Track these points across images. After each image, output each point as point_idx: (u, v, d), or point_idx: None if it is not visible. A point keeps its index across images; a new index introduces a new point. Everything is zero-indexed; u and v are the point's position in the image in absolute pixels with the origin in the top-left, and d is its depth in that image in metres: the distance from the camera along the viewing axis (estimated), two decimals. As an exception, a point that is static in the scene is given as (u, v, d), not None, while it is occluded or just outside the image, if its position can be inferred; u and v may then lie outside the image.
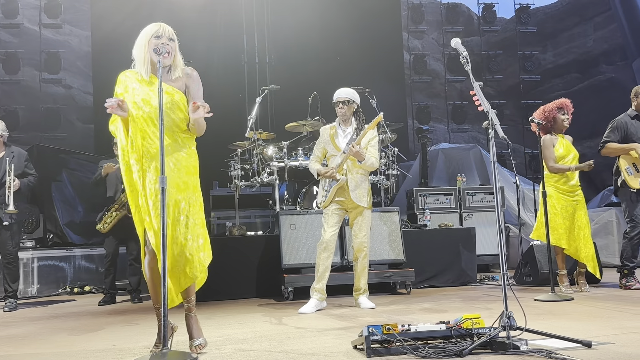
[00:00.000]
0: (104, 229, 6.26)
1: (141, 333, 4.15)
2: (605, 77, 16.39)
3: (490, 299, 5.33)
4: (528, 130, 10.04)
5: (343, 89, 5.17)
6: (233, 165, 7.19)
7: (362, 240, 5.02)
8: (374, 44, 12.27)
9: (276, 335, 3.77)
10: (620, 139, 5.79)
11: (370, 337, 2.94)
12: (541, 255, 6.09)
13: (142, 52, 3.20)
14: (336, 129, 5.14)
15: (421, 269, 6.35)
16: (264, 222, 8.40)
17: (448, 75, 14.75)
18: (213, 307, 5.46)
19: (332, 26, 11.20)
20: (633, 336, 3.24)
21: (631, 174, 5.71)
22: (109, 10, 10.95)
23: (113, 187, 6.33)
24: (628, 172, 5.73)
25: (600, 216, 8.30)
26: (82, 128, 11.81)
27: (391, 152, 7.28)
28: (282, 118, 7.99)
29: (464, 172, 9.04)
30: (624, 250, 5.70)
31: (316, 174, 5.12)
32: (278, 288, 5.89)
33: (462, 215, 8.26)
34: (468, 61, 3.35)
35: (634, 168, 5.69)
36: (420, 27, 14.66)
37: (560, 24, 16.93)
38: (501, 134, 3.15)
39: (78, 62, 12.09)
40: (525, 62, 14.95)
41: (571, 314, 4.24)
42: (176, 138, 3.18)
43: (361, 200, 4.98)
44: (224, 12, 11.52)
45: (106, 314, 5.51)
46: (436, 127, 14.65)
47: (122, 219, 6.18)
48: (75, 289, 7.45)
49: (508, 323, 2.91)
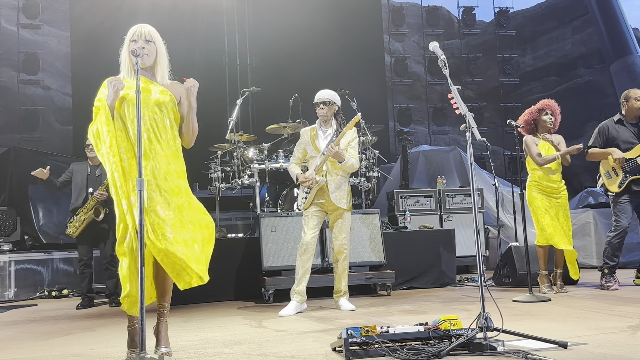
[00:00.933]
0: (73, 233, 6.22)
1: (119, 337, 4.11)
2: (583, 80, 16.61)
3: (469, 300, 5.37)
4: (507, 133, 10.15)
5: (324, 90, 5.18)
6: (213, 168, 7.16)
7: (342, 242, 5.03)
8: (355, 46, 12.31)
9: (255, 339, 3.76)
10: (602, 144, 5.87)
11: (349, 339, 2.95)
12: (519, 256, 6.15)
13: (123, 55, 3.24)
14: (317, 131, 5.15)
15: (401, 270, 6.37)
16: (244, 225, 8.38)
17: (429, 78, 14.84)
18: (192, 311, 5.43)
19: (313, 28, 11.21)
20: (608, 336, 3.28)
21: (610, 177, 5.79)
22: (88, 10, 10.85)
23: (80, 192, 6.26)
24: (607, 176, 5.82)
25: (577, 217, 8.40)
26: (60, 130, 11.68)
27: (372, 154, 7.31)
28: (263, 120, 7.99)
29: (444, 174, 9.09)
30: (605, 248, 5.78)
31: (296, 178, 5.12)
32: (258, 290, 5.88)
33: (442, 217, 8.31)
34: (446, 64, 3.38)
35: (613, 172, 5.77)
36: (401, 30, 14.74)
37: (539, 28, 17.12)
38: (478, 137, 3.18)
39: (57, 63, 11.96)
40: (504, 65, 15.11)
41: (548, 314, 4.29)
42: (169, 140, 3.18)
43: (341, 202, 4.99)
44: (205, 13, 11.48)
45: (84, 317, 5.46)
46: (417, 129, 14.72)
47: (91, 222, 6.14)
48: (54, 292, 7.38)
49: (485, 324, 2.94)
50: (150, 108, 3.13)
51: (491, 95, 15.08)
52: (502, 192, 8.62)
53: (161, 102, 3.17)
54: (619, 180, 5.71)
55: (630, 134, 5.80)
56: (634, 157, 5.68)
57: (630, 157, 5.69)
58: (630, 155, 5.69)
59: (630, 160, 5.67)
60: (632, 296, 5.11)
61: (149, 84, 3.20)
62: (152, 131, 3.12)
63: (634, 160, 5.67)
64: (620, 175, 5.71)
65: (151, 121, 3.12)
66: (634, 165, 5.66)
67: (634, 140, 5.77)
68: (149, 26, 3.28)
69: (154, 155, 3.10)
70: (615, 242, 5.68)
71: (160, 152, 3.12)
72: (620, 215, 5.68)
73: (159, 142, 3.13)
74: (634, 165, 5.66)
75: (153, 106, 3.15)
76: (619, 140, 5.79)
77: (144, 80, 3.18)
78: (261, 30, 11.69)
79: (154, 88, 3.20)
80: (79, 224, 6.16)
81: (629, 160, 5.67)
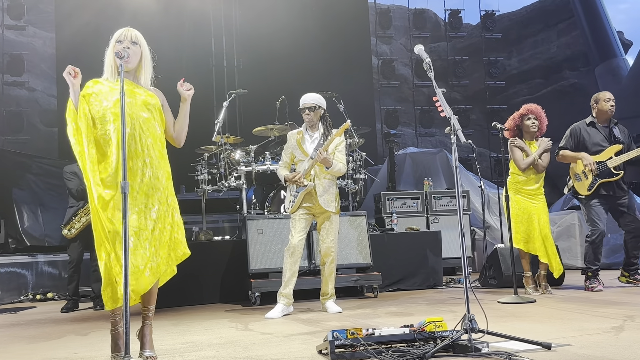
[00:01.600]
0: (70, 234, 6.14)
1: (103, 341, 4.07)
2: (568, 83, 16.76)
3: (455, 301, 5.39)
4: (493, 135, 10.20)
5: (309, 94, 5.16)
6: (200, 170, 7.14)
7: (330, 245, 5.03)
8: (342, 48, 12.33)
9: (242, 341, 3.75)
10: (573, 146, 5.90)
11: (334, 341, 2.95)
12: (505, 257, 6.19)
13: (108, 57, 3.23)
14: (303, 134, 5.14)
15: (388, 272, 6.39)
16: (231, 227, 8.36)
17: (416, 80, 14.91)
18: (179, 313, 5.41)
19: (300, 30, 11.23)
20: (592, 337, 3.31)
21: (579, 180, 5.84)
22: (73, 12, 10.78)
23: None
24: (577, 179, 5.86)
25: (562, 219, 8.47)
26: (45, 131, 11.61)
27: (359, 156, 7.32)
28: (250, 122, 7.98)
29: (431, 176, 9.13)
30: (586, 253, 5.80)
31: (284, 180, 5.11)
32: (245, 293, 5.87)
33: (429, 219, 8.34)
34: (431, 67, 3.40)
35: (582, 175, 5.82)
36: (388, 32, 14.81)
37: (524, 31, 17.26)
38: (463, 139, 3.20)
39: (42, 65, 11.89)
40: (490, 68, 15.22)
41: (533, 316, 4.31)
42: (156, 141, 3.19)
43: (329, 205, 4.99)
44: (192, 15, 11.45)
45: (68, 321, 5.41)
46: (404, 132, 14.78)
47: (90, 224, 6.06)
48: (38, 295, 7.30)
49: (470, 326, 2.95)
50: (138, 108, 3.14)
51: (477, 97, 15.17)
52: (488, 194, 8.68)
53: (149, 103, 3.18)
54: (589, 183, 5.75)
55: (602, 136, 5.84)
56: (603, 160, 5.72)
57: (600, 160, 5.73)
58: (600, 159, 5.73)
59: (600, 164, 5.72)
60: (615, 298, 5.15)
61: (133, 87, 3.19)
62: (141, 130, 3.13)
63: (603, 163, 5.71)
64: (590, 178, 5.75)
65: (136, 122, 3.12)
66: (603, 168, 5.71)
67: (604, 143, 5.80)
68: (136, 31, 3.29)
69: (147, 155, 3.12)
70: (595, 246, 5.73)
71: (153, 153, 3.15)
72: (595, 219, 5.72)
73: (146, 142, 3.14)
74: (604, 168, 5.71)
75: (141, 106, 3.15)
76: (590, 143, 5.82)
77: (128, 83, 3.17)
78: (248, 32, 11.68)
79: (139, 91, 3.20)
80: (78, 225, 6.10)
81: (599, 164, 5.72)
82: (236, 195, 7.50)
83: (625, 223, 5.81)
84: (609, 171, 5.70)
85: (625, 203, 5.79)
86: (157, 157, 3.17)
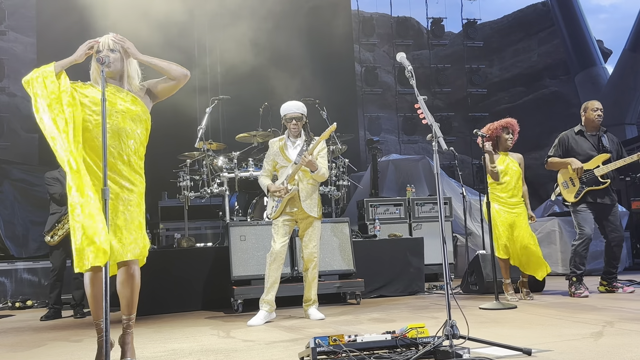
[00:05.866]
0: (53, 241, 6.05)
1: (84, 349, 4.04)
2: (549, 91, 16.98)
3: (437, 307, 5.41)
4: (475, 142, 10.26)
5: (293, 103, 5.14)
6: (182, 176, 7.10)
7: (313, 250, 5.03)
8: (325, 55, 12.35)
9: (223, 349, 3.73)
10: (562, 154, 5.98)
11: (316, 348, 2.95)
12: (486, 264, 6.23)
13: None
14: (285, 141, 5.14)
15: (371, 279, 6.39)
16: (213, 234, 8.32)
17: (399, 87, 14.99)
18: (160, 321, 5.36)
19: (283, 36, 11.23)
20: (571, 343, 3.34)
21: (567, 187, 5.91)
22: (55, 17, 10.65)
23: (64, 200, 6.14)
24: (564, 186, 5.94)
25: (543, 226, 8.54)
26: (26, 137, 11.48)
27: (342, 163, 7.34)
28: (233, 128, 7.96)
29: (414, 183, 9.17)
30: (572, 257, 5.83)
31: (266, 190, 5.10)
32: (227, 300, 5.83)
33: (412, 226, 8.38)
34: (413, 75, 3.42)
35: (570, 182, 5.89)
36: (371, 40, 14.88)
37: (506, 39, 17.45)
38: (444, 146, 3.22)
39: (23, 70, 11.70)
40: (472, 76, 15.35)
41: (514, 321, 4.35)
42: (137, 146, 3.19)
43: (312, 210, 5.00)
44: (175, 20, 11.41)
45: (48, 329, 5.34)
46: (387, 138, 14.84)
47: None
48: (17, 303, 7.19)
49: (451, 332, 2.97)
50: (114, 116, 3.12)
51: (459, 105, 15.30)
52: (469, 200, 8.73)
53: (131, 111, 3.17)
54: (576, 191, 5.83)
55: (590, 145, 5.93)
56: (591, 169, 5.80)
57: (588, 168, 5.81)
58: (588, 167, 5.82)
59: (588, 172, 5.80)
60: (594, 304, 5.21)
61: (117, 94, 3.18)
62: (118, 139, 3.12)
63: (591, 171, 5.80)
64: (577, 185, 5.82)
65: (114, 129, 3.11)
66: (590, 176, 5.79)
67: (592, 151, 5.89)
68: (116, 35, 3.29)
69: None
70: (581, 250, 5.77)
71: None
72: (583, 224, 5.79)
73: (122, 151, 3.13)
74: (591, 176, 5.79)
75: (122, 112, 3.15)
76: (578, 151, 5.91)
77: (113, 89, 3.18)
78: (231, 38, 11.66)
79: (121, 96, 3.19)
80: (61, 232, 6.01)
81: (586, 172, 5.80)
82: (219, 201, 7.48)
83: (608, 232, 5.88)
84: (596, 179, 5.78)
85: (611, 211, 5.87)
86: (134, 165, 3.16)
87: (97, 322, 3.09)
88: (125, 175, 3.14)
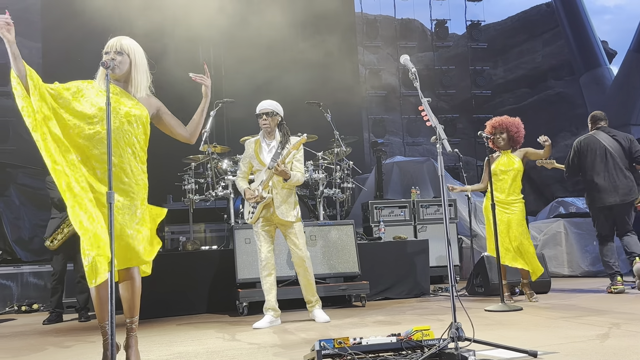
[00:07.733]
0: (53, 245, 6.07)
1: (88, 352, 4.05)
2: (554, 92, 16.93)
3: (442, 310, 5.40)
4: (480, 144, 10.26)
5: (266, 100, 5.12)
6: (187, 179, 7.11)
7: (301, 254, 4.96)
8: (329, 57, 12.35)
9: (228, 352, 3.73)
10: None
11: (322, 351, 2.95)
12: (491, 266, 6.21)
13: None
14: (260, 143, 5.10)
15: (376, 281, 6.39)
16: (218, 237, 8.31)
17: (403, 90, 14.98)
18: (166, 324, 5.37)
19: (287, 39, 11.23)
20: (577, 345, 3.33)
21: None
22: (60, 22, 10.69)
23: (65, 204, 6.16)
24: None
25: (548, 227, 8.52)
26: (31, 142, 11.43)
27: (346, 165, 7.33)
28: (237, 131, 7.96)
29: (418, 185, 9.16)
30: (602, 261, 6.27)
31: (243, 193, 5.08)
32: (233, 303, 5.84)
33: (417, 228, 8.36)
34: (417, 77, 3.42)
35: None
36: (375, 42, 14.86)
37: (510, 40, 17.41)
38: (448, 148, 3.21)
39: (28, 74, 11.80)
40: (476, 77, 15.31)
41: (519, 324, 4.33)
42: (135, 151, 3.18)
43: (288, 215, 4.95)
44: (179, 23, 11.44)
45: (53, 333, 5.35)
46: (391, 140, 14.83)
47: (73, 235, 6.02)
48: (23, 307, 7.21)
49: (456, 334, 2.96)
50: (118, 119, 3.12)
51: (464, 106, 15.27)
52: (474, 202, 8.72)
53: (132, 115, 3.16)
54: None
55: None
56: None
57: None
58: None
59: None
60: (600, 306, 5.19)
61: (120, 97, 3.18)
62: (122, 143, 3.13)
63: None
64: None
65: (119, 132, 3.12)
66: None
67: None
68: (126, 38, 3.28)
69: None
70: (602, 253, 6.14)
71: None
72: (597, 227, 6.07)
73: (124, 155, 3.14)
74: None
75: (122, 117, 3.14)
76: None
77: (118, 91, 3.18)
78: (235, 42, 11.68)
79: (124, 101, 3.19)
80: (61, 237, 6.03)
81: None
82: (223, 204, 7.48)
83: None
84: None
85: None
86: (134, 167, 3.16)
87: (102, 324, 3.10)
88: (126, 181, 3.14)
